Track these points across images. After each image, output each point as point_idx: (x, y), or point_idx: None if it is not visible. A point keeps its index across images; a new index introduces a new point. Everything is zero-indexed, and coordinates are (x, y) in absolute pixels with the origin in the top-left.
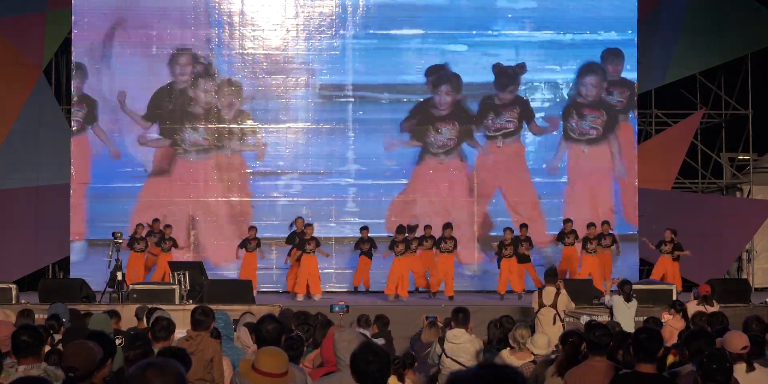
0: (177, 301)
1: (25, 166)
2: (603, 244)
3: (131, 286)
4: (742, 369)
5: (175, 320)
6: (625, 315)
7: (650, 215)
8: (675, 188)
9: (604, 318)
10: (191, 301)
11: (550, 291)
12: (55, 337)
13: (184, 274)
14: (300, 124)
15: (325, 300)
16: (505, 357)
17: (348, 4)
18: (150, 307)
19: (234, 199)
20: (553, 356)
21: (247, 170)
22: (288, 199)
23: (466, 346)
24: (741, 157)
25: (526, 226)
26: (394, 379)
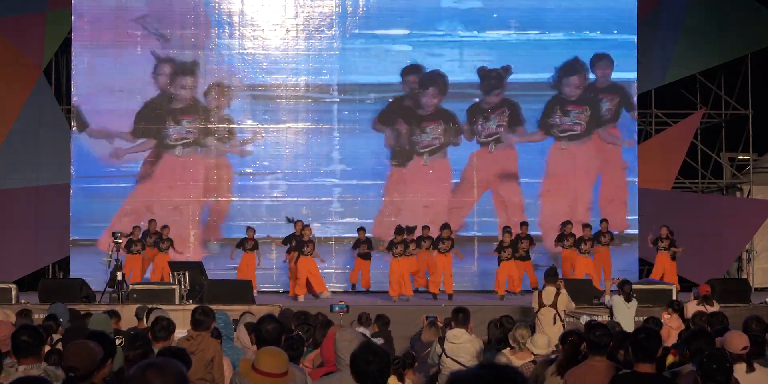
0: (177, 301)
1: (25, 166)
2: (602, 242)
3: (131, 286)
4: (742, 369)
5: (175, 320)
6: (625, 315)
7: (650, 215)
8: (675, 188)
9: (604, 318)
10: (191, 301)
11: (550, 291)
12: (54, 338)
13: (184, 274)
14: (300, 124)
15: (325, 300)
16: (505, 357)
17: (348, 4)
18: (150, 307)
19: (222, 199)
20: (553, 356)
21: (246, 170)
22: (274, 200)
23: (467, 346)
24: (741, 157)
25: (527, 224)
26: (394, 379)
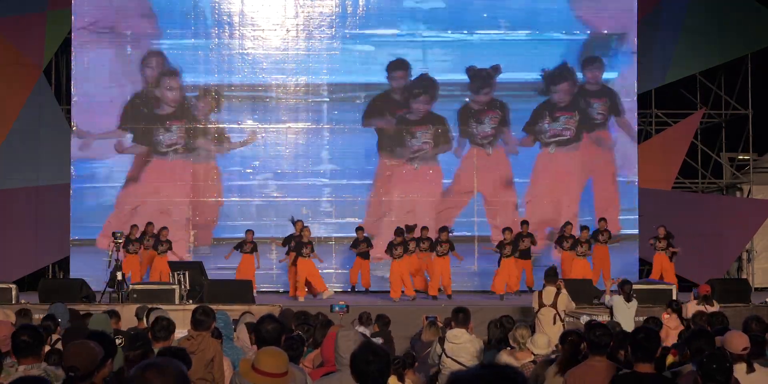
0: (177, 301)
1: (25, 166)
2: (601, 240)
3: (131, 286)
4: (743, 369)
5: (175, 320)
6: (625, 315)
7: (650, 215)
8: (675, 188)
9: (604, 318)
10: (191, 301)
11: (550, 291)
12: (52, 338)
13: (184, 274)
14: (300, 124)
15: (325, 300)
16: (505, 357)
17: (348, 4)
18: (150, 307)
19: (211, 199)
20: (553, 356)
21: (247, 170)
22: (269, 199)
23: (467, 346)
24: (741, 157)
25: (527, 223)
26: (394, 379)
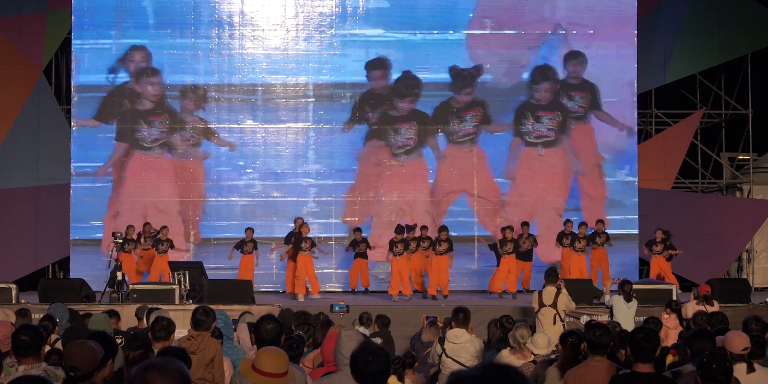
0: (177, 301)
1: (25, 166)
2: (598, 242)
3: (131, 286)
4: (743, 369)
5: (175, 320)
6: (625, 315)
7: (650, 215)
8: (675, 188)
9: (604, 318)
10: (191, 301)
11: (550, 291)
12: (51, 338)
13: (184, 274)
14: (300, 124)
15: (325, 300)
16: (505, 357)
17: (348, 4)
18: (150, 307)
19: (195, 199)
20: (553, 356)
21: (246, 170)
22: (249, 199)
23: (467, 346)
24: (741, 157)
25: (528, 224)
26: (394, 379)
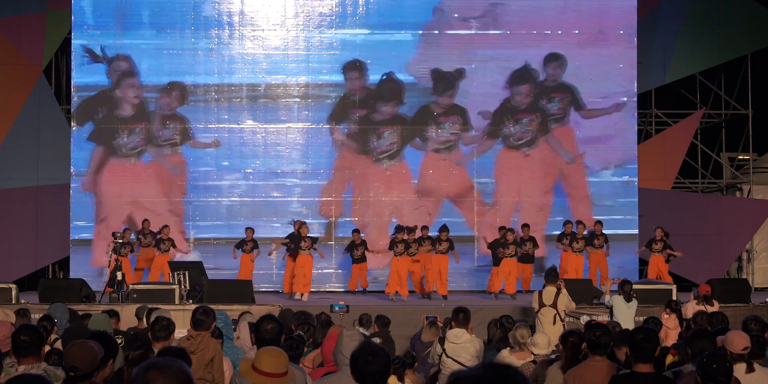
0: (177, 301)
1: (25, 166)
2: (596, 245)
3: (131, 286)
4: (743, 369)
5: (175, 320)
6: (625, 315)
7: (650, 215)
8: (675, 188)
9: (604, 318)
10: (191, 301)
11: (550, 291)
12: (50, 338)
13: (184, 274)
14: (300, 124)
15: (325, 300)
16: (505, 357)
17: (348, 4)
18: (150, 307)
19: (176, 198)
20: (553, 356)
21: (246, 170)
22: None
23: (467, 346)
24: (741, 157)
25: (528, 226)
26: (394, 379)
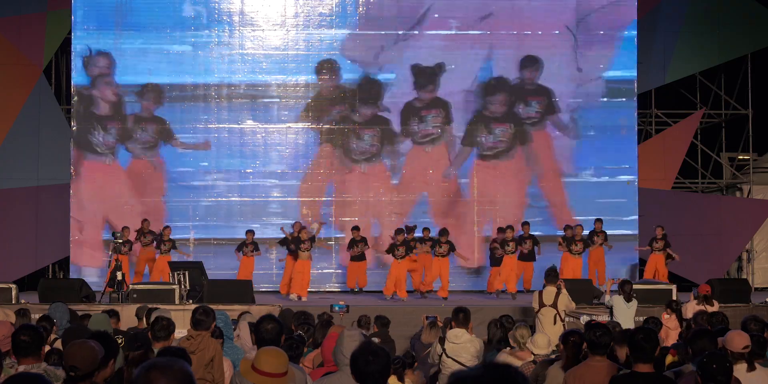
0: (177, 301)
1: (25, 166)
2: (595, 242)
3: (131, 286)
4: (743, 368)
5: (175, 320)
6: (625, 315)
7: (650, 215)
8: (675, 188)
9: (604, 318)
10: (191, 301)
11: (550, 291)
12: (49, 338)
13: (184, 274)
14: (300, 124)
15: (325, 300)
16: (505, 357)
17: (348, 4)
18: (150, 307)
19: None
20: (553, 356)
21: (246, 170)
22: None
23: (467, 346)
24: (741, 157)
25: (528, 224)
26: (394, 379)
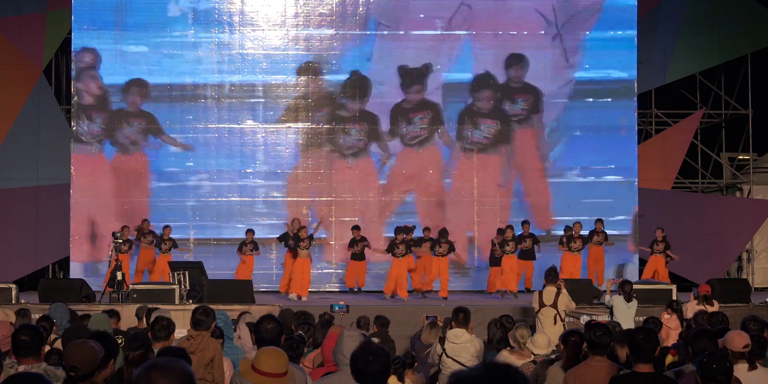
0: (177, 301)
1: (25, 166)
2: (595, 241)
3: (131, 286)
4: (744, 368)
5: (175, 320)
6: (625, 315)
7: (650, 215)
8: (675, 188)
9: (604, 318)
10: (191, 301)
11: (550, 291)
12: (49, 338)
13: (184, 274)
14: (300, 124)
15: (325, 300)
16: (505, 357)
17: (348, 4)
18: (150, 307)
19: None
20: (553, 356)
21: (246, 170)
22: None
23: (467, 346)
24: (741, 157)
25: (528, 223)
26: (394, 379)
